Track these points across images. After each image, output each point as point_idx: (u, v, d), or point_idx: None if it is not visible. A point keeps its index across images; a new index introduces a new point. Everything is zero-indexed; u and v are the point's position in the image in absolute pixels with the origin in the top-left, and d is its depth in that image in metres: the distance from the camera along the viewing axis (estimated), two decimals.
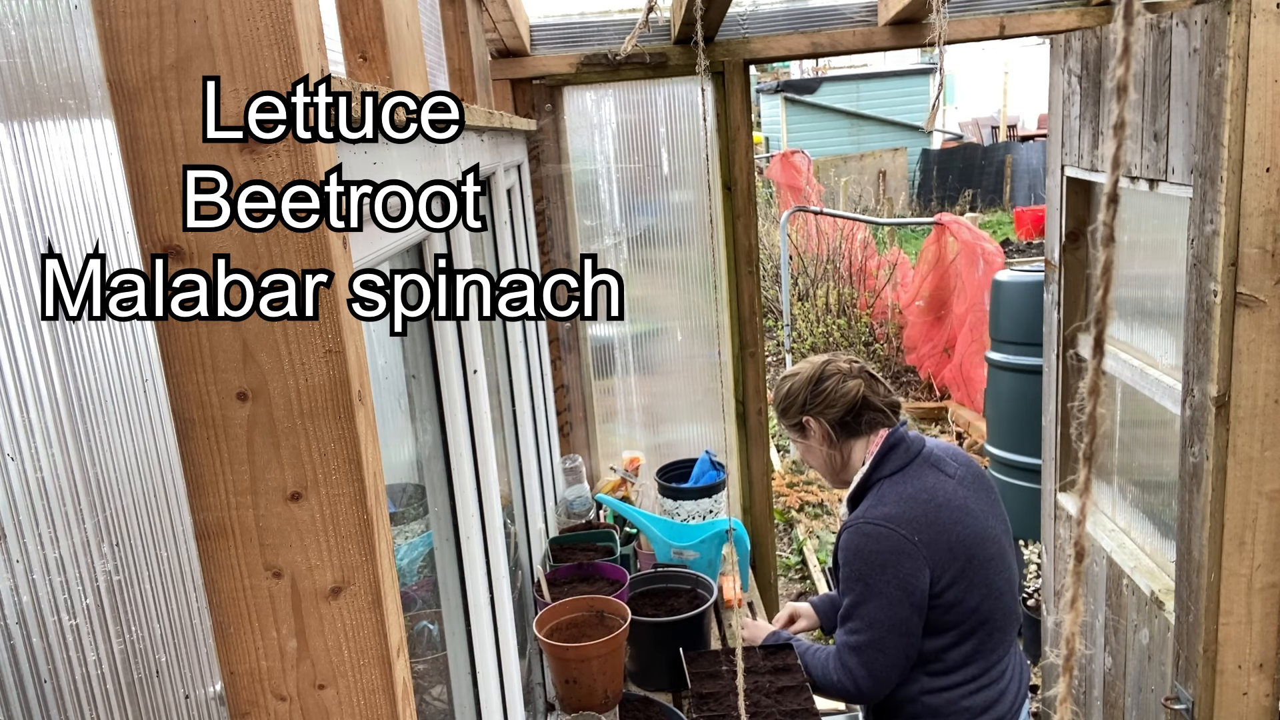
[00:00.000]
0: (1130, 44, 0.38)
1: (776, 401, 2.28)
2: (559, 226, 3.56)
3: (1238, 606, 2.13)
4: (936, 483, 2.14)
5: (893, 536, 2.05)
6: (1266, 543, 2.09)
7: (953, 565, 2.06)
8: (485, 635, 1.77)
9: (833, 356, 2.31)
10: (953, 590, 2.06)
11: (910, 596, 2.04)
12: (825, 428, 2.21)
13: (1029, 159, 16.85)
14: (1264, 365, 2.01)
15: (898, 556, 2.04)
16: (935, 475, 2.14)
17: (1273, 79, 1.88)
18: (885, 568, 2.04)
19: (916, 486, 2.12)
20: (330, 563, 0.84)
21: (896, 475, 2.14)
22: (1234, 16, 1.87)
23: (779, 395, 2.28)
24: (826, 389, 2.20)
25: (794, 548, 5.71)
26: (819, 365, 2.25)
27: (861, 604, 2.08)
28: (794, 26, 3.33)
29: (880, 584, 2.05)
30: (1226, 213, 1.96)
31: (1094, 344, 0.41)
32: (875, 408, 2.21)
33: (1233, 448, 2.05)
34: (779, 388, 2.29)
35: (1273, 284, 1.97)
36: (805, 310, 8.67)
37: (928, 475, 2.13)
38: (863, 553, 2.07)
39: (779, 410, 2.29)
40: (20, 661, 0.63)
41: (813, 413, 2.20)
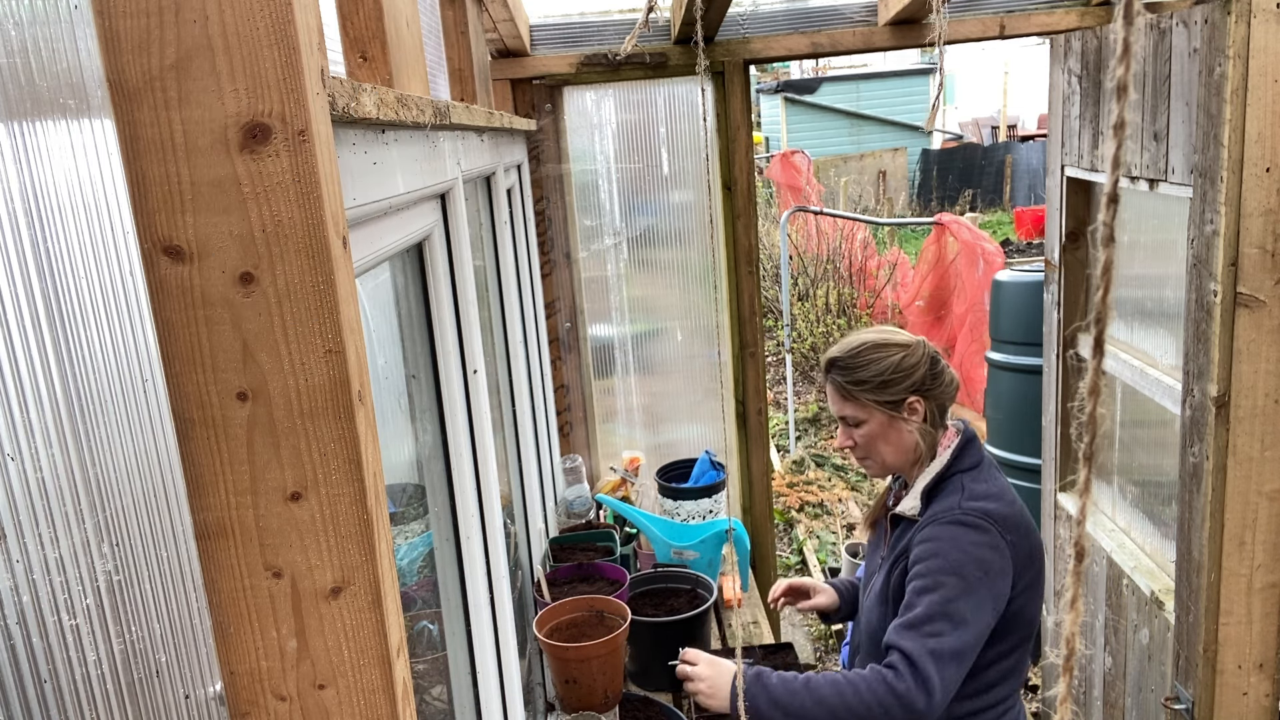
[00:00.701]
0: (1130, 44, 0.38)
1: (880, 373, 1.98)
2: (559, 226, 3.56)
3: (1238, 606, 2.13)
4: (1009, 484, 2.01)
5: (992, 533, 1.87)
6: (1266, 543, 2.09)
7: (1027, 572, 1.91)
8: (485, 635, 1.77)
9: (915, 336, 2.10)
10: (1020, 599, 1.90)
11: (997, 603, 1.85)
12: (932, 411, 2.01)
13: (1029, 159, 16.85)
14: (1264, 365, 2.01)
15: (997, 555, 1.85)
16: (1003, 476, 2.02)
17: (1273, 79, 1.88)
18: (986, 566, 1.83)
19: (1000, 485, 1.96)
20: (330, 563, 0.84)
21: (974, 470, 1.98)
22: (1234, 16, 1.87)
23: (884, 368, 1.98)
24: (942, 370, 2.03)
25: (794, 548, 5.71)
26: (922, 344, 2.04)
27: (953, 602, 1.81)
28: (794, 26, 3.33)
29: (978, 584, 1.83)
30: (1226, 213, 1.96)
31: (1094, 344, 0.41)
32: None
33: (1233, 448, 2.05)
34: (880, 359, 1.99)
35: (1273, 284, 1.97)
36: (805, 310, 8.67)
37: (998, 475, 2.00)
38: (963, 545, 1.84)
39: (878, 384, 1.98)
40: (20, 661, 0.63)
41: (925, 393, 2.00)
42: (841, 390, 2.03)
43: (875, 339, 2.04)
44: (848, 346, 2.05)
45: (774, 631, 3.20)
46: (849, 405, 2.03)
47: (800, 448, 7.12)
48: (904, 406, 1.99)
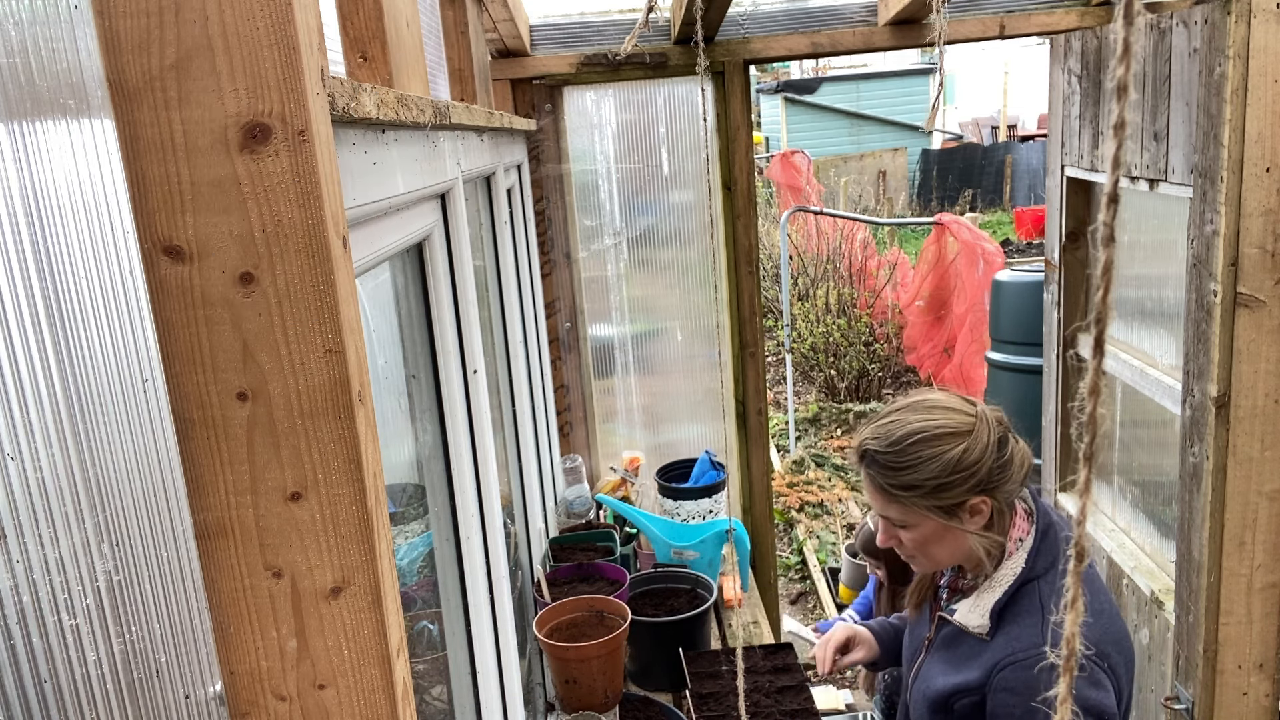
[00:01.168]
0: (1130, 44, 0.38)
1: (934, 475, 1.57)
2: (559, 226, 3.56)
3: (1238, 606, 2.13)
4: (1094, 575, 1.67)
5: (1091, 669, 1.52)
6: (1266, 543, 2.09)
7: (1126, 690, 1.60)
8: (485, 635, 1.77)
9: (971, 401, 1.67)
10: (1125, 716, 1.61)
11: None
12: (1000, 508, 1.62)
13: (1029, 159, 16.86)
14: (1264, 365, 2.01)
15: (1100, 694, 1.52)
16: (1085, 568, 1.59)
17: (1273, 79, 1.88)
18: (1095, 710, 1.51)
19: (1093, 589, 1.60)
20: (330, 563, 0.84)
21: (1052, 572, 1.60)
22: (1234, 16, 1.87)
23: (939, 469, 1.57)
24: (1011, 455, 1.61)
25: (794, 548, 5.71)
26: (984, 420, 1.61)
27: None
28: (794, 26, 3.33)
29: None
30: (1226, 213, 1.96)
31: (1094, 344, 0.41)
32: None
33: (1233, 448, 2.05)
34: (933, 458, 1.57)
35: (1273, 284, 1.97)
36: (805, 310, 8.67)
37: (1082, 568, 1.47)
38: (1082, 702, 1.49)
39: (932, 488, 1.58)
40: (20, 661, 0.63)
41: (991, 490, 1.59)
42: (882, 491, 1.64)
43: (925, 427, 1.60)
44: (890, 437, 1.62)
45: (774, 632, 3.21)
46: (893, 507, 1.65)
47: (800, 448, 7.12)
48: (964, 509, 1.60)
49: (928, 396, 1.68)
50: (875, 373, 8.14)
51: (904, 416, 1.63)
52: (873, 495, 1.68)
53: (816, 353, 8.38)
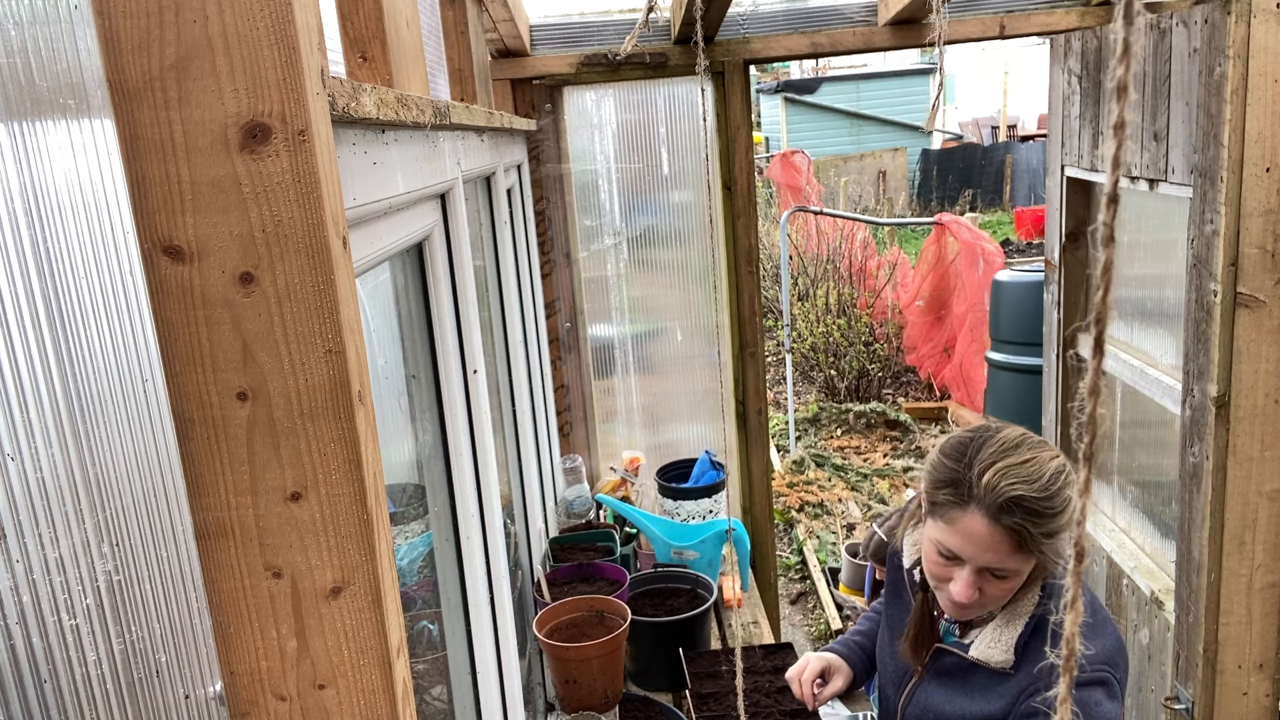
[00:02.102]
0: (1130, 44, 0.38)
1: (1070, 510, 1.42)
2: (559, 226, 3.56)
3: (1238, 606, 2.13)
4: (1086, 586, 1.60)
5: (1113, 683, 1.50)
6: (1266, 543, 2.09)
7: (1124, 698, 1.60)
8: (485, 635, 1.77)
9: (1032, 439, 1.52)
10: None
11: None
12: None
13: (1029, 159, 16.86)
14: (1264, 365, 2.01)
15: (1118, 707, 1.50)
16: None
17: (1273, 79, 1.88)
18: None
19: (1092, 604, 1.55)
20: (330, 563, 0.84)
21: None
22: (1234, 16, 1.87)
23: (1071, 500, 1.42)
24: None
25: (794, 548, 5.71)
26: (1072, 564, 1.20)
27: None
28: (794, 26, 3.33)
29: None
30: (1226, 213, 1.96)
31: (1094, 344, 0.41)
32: None
33: (1233, 448, 2.05)
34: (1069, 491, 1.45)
35: (1273, 284, 1.97)
36: (805, 310, 8.67)
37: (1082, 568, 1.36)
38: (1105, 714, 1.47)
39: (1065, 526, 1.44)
40: (20, 661, 0.63)
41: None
42: (1021, 541, 1.43)
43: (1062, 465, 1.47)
44: (1039, 478, 1.43)
45: (774, 632, 3.21)
46: (1016, 557, 1.45)
47: (800, 448, 7.12)
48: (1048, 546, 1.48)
49: (1008, 431, 1.51)
50: (875, 373, 8.14)
51: (1036, 454, 1.46)
52: (996, 547, 1.44)
53: (816, 353, 8.38)
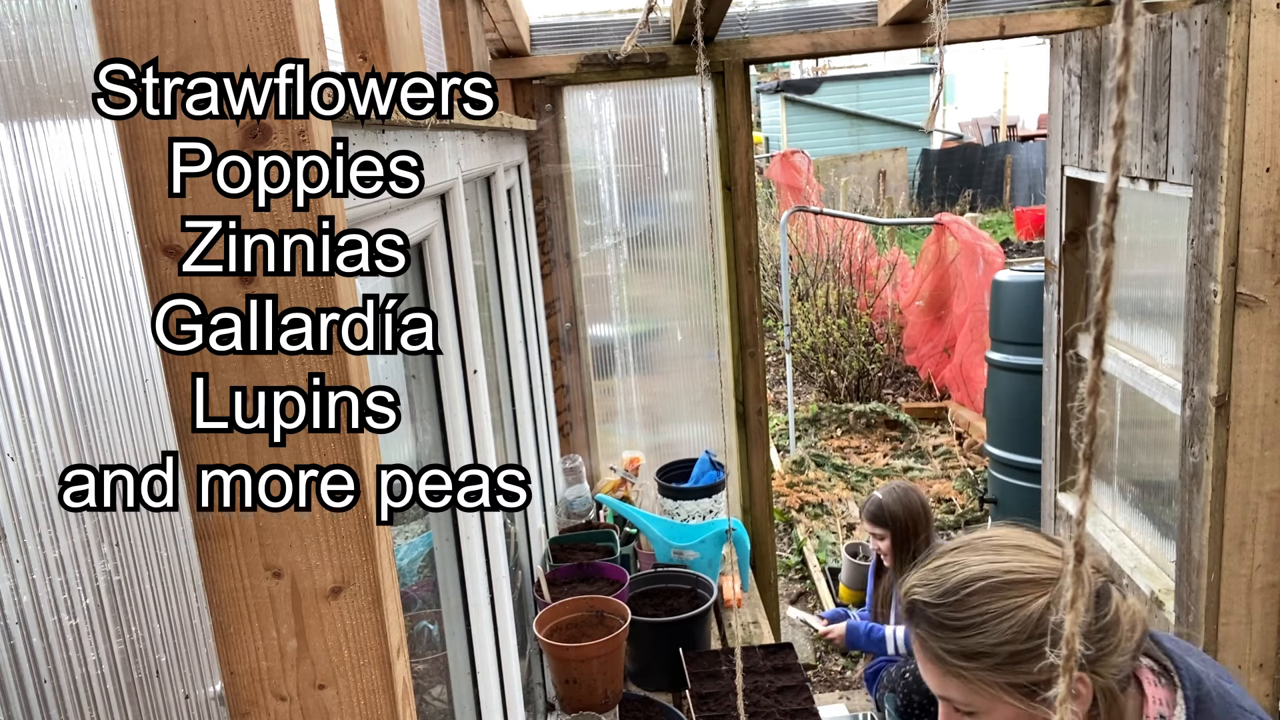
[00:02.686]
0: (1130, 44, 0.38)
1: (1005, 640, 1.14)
2: (559, 226, 3.56)
3: (1238, 606, 2.13)
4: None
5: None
6: (1266, 543, 2.09)
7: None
8: (485, 635, 1.77)
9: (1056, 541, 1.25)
10: None
11: None
12: (1108, 689, 1.18)
13: (1029, 159, 16.85)
14: (1264, 365, 2.01)
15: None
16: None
17: (1273, 79, 1.88)
18: None
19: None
20: (330, 563, 0.84)
21: None
22: (1234, 16, 1.87)
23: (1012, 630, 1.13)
24: (1114, 616, 1.17)
25: (794, 548, 5.71)
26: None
27: None
28: (794, 26, 3.33)
29: None
30: (1226, 213, 1.96)
31: (1094, 344, 0.41)
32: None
33: (1233, 448, 2.05)
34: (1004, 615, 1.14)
35: (1273, 284, 1.97)
36: (805, 310, 8.66)
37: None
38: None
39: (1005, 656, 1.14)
40: (20, 661, 0.63)
41: (1093, 665, 1.15)
42: (936, 659, 1.20)
43: (989, 571, 1.18)
44: (943, 584, 1.20)
45: (774, 632, 3.21)
46: (951, 684, 1.20)
47: (800, 448, 7.12)
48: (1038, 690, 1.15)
49: (996, 533, 1.26)
50: (875, 373, 8.14)
51: (962, 558, 1.21)
52: (924, 665, 1.23)
53: (816, 353, 8.38)
